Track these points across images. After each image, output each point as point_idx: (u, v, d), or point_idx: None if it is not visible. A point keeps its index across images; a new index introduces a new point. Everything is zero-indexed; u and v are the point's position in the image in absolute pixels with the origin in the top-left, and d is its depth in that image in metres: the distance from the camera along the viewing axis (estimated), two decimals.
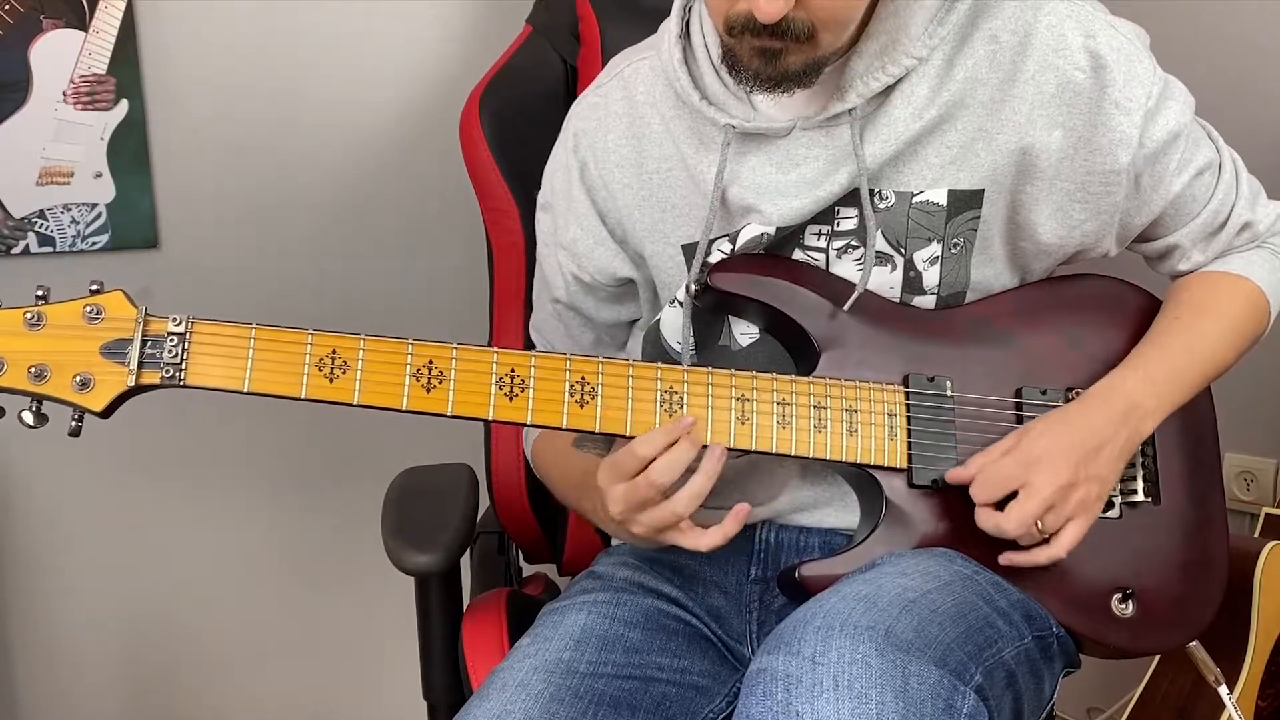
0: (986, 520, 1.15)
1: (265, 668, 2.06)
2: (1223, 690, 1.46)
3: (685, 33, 1.25)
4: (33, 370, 1.08)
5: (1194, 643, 1.37)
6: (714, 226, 1.22)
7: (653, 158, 1.27)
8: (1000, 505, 1.15)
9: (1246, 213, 1.29)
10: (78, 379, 1.09)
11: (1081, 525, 1.16)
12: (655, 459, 1.12)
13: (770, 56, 1.11)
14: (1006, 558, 1.17)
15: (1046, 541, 1.16)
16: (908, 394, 1.20)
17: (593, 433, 1.16)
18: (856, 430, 1.18)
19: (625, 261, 1.31)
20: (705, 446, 1.14)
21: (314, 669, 2.08)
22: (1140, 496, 1.24)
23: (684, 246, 1.27)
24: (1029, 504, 1.13)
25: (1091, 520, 1.17)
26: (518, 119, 1.52)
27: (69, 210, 1.80)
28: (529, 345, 1.47)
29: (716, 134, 1.22)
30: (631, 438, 1.14)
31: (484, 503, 1.52)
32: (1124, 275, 1.31)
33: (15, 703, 1.97)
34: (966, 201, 1.20)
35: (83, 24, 1.74)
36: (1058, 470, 1.14)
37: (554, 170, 1.35)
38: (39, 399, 1.09)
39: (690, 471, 1.14)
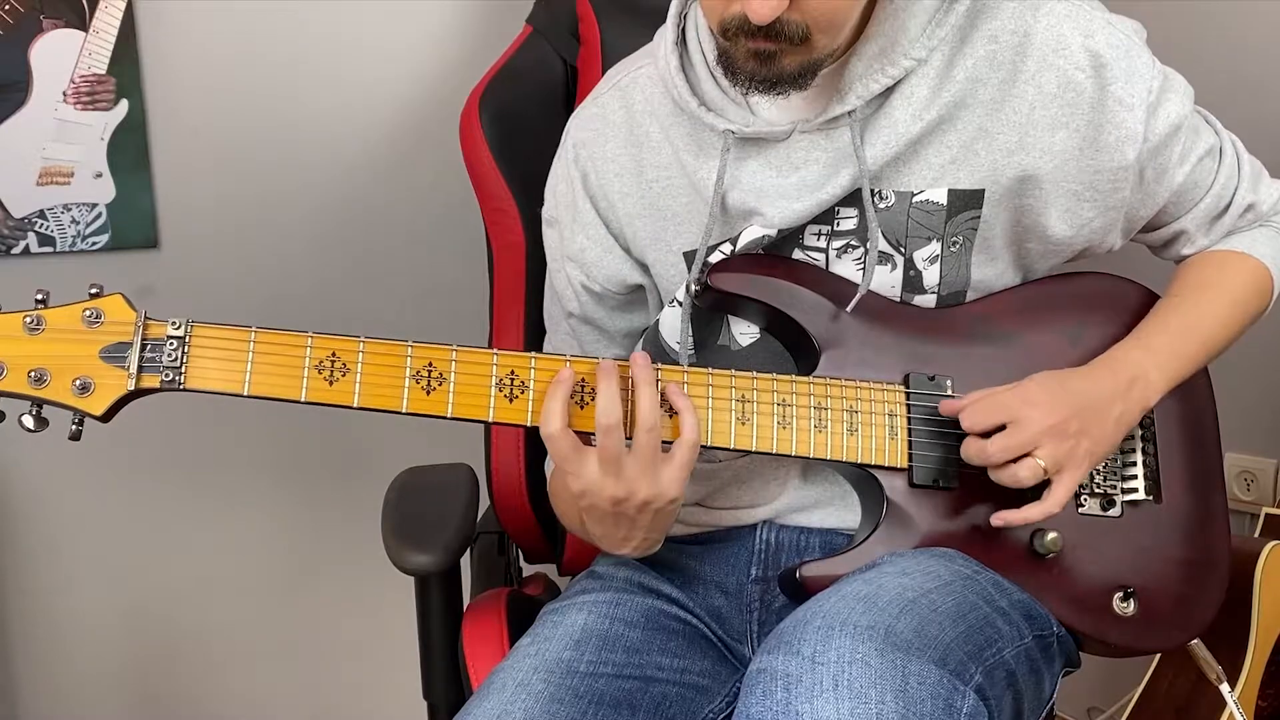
0: (970, 447, 1.15)
1: (265, 667, 2.06)
2: (1224, 689, 1.46)
3: (681, 39, 1.25)
4: (33, 374, 1.08)
5: (1196, 641, 1.37)
6: (714, 232, 1.22)
7: (652, 166, 1.27)
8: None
9: (1249, 194, 1.30)
10: (78, 383, 1.09)
11: (1072, 479, 1.15)
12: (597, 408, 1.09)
13: (765, 59, 1.11)
14: (1000, 516, 1.16)
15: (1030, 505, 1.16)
16: (908, 393, 1.20)
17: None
18: (857, 430, 1.18)
19: (634, 268, 1.31)
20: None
21: (314, 668, 2.08)
22: (1141, 495, 1.25)
23: (685, 253, 1.26)
24: (1016, 436, 1.13)
25: (1080, 477, 1.16)
26: (518, 119, 1.52)
27: (69, 210, 1.80)
28: (529, 346, 1.47)
29: (715, 140, 1.22)
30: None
31: (484, 503, 1.52)
32: (1124, 270, 1.32)
33: (15, 702, 1.97)
34: (966, 201, 1.20)
35: (83, 24, 1.74)
36: (1049, 412, 1.14)
37: (556, 183, 1.34)
38: (39, 403, 1.09)
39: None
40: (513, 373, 1.14)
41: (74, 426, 1.10)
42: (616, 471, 1.11)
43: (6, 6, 1.71)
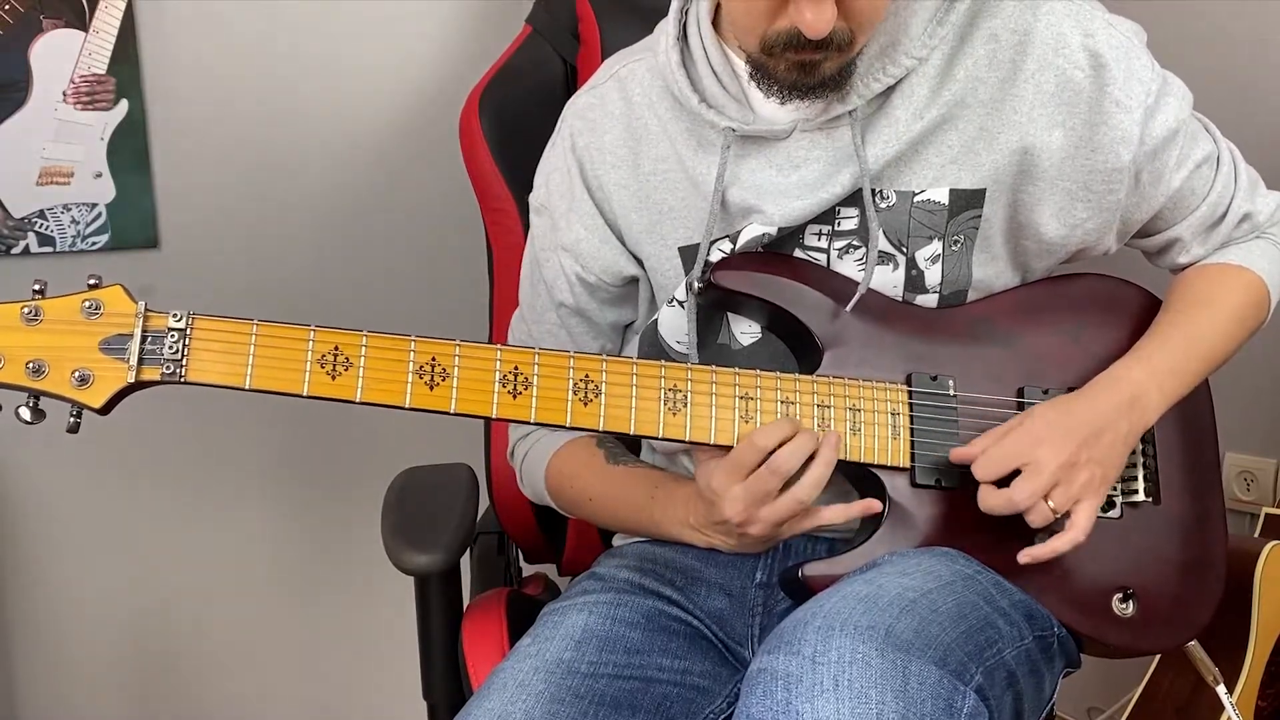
0: (993, 499, 1.14)
1: (265, 667, 2.06)
2: (1221, 690, 1.46)
3: (683, 35, 1.25)
4: (31, 366, 1.07)
5: (1193, 642, 1.37)
6: (714, 229, 1.21)
7: (649, 159, 1.27)
8: (1003, 488, 1.15)
9: (1246, 204, 1.30)
10: (76, 375, 1.08)
11: (1091, 507, 1.15)
12: (775, 449, 1.12)
13: (809, 68, 1.11)
14: (1028, 553, 1.16)
15: (1052, 530, 1.16)
16: (911, 393, 1.20)
17: (618, 440, 1.14)
18: (860, 429, 1.18)
19: (630, 260, 1.31)
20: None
21: (314, 669, 2.08)
22: (1141, 496, 1.25)
23: (681, 249, 1.26)
24: (1036, 480, 1.13)
25: (1099, 504, 1.17)
26: (518, 119, 1.52)
27: (69, 210, 1.80)
28: None
29: (715, 137, 1.22)
30: (724, 446, 1.15)
31: (484, 503, 1.52)
32: (1123, 273, 1.32)
33: (15, 701, 1.97)
34: (968, 201, 1.21)
35: (83, 24, 1.74)
36: (1060, 448, 1.14)
37: (550, 171, 1.34)
38: (37, 395, 1.08)
39: None
40: (516, 369, 1.13)
41: (72, 419, 1.09)
42: (760, 505, 1.13)
43: (6, 6, 1.71)
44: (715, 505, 1.15)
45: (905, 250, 1.22)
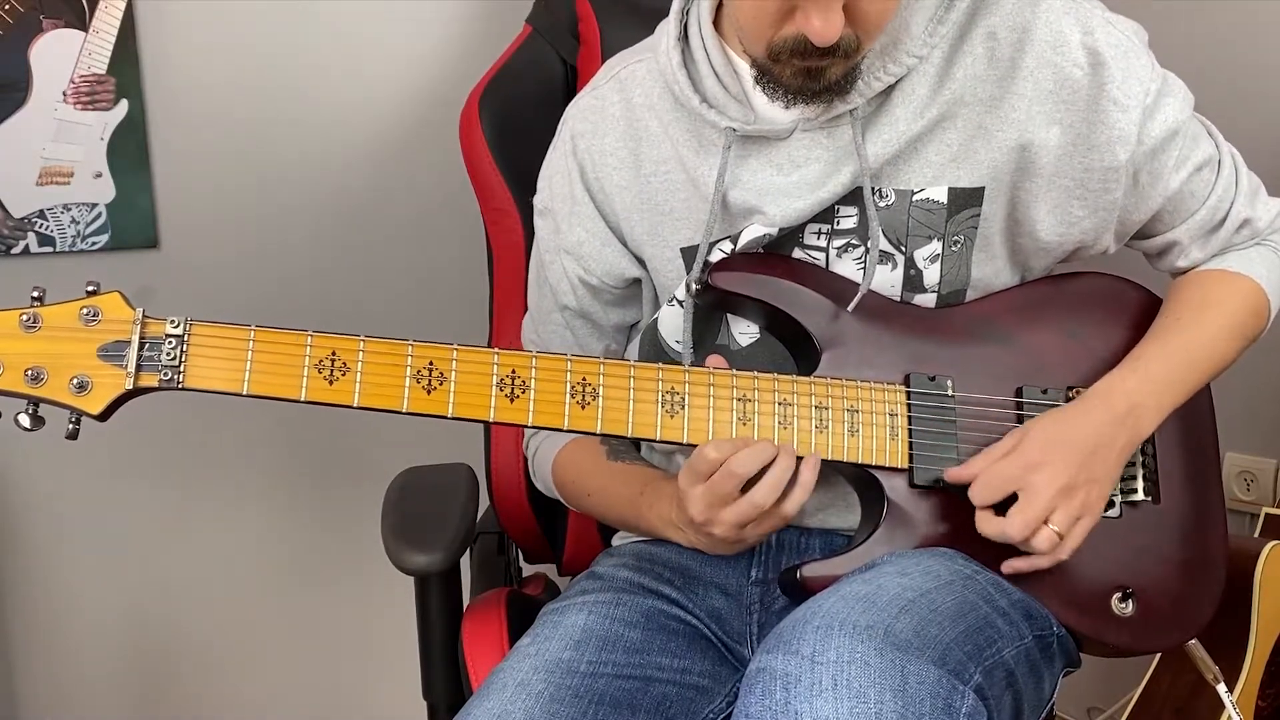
0: (989, 526, 1.14)
1: (265, 667, 2.06)
2: (1221, 689, 1.46)
3: (683, 35, 1.25)
4: (29, 373, 1.08)
5: (1193, 641, 1.37)
6: (715, 229, 1.22)
7: (650, 160, 1.27)
8: (1000, 508, 1.15)
9: (1246, 209, 1.29)
10: (75, 381, 1.08)
11: (1085, 526, 1.16)
12: (734, 455, 1.12)
13: (815, 74, 1.12)
14: (1010, 565, 1.16)
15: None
16: (909, 393, 1.20)
17: (620, 437, 1.15)
18: (858, 430, 1.18)
19: (632, 262, 1.31)
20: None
21: (314, 669, 2.08)
22: (1140, 496, 1.25)
23: (683, 250, 1.26)
24: (1031, 508, 1.13)
25: (1095, 521, 1.17)
26: (518, 119, 1.52)
27: (69, 210, 1.80)
28: None
29: (716, 137, 1.22)
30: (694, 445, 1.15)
31: (484, 503, 1.52)
32: (1124, 273, 1.31)
33: (15, 701, 1.97)
34: (967, 199, 1.20)
35: (83, 24, 1.74)
36: (1058, 472, 1.14)
37: (552, 174, 1.34)
38: (36, 402, 1.09)
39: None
40: (514, 372, 1.13)
41: (71, 425, 1.09)
42: (720, 507, 1.13)
43: (6, 6, 1.71)
44: (681, 503, 1.16)
45: (904, 249, 1.22)
